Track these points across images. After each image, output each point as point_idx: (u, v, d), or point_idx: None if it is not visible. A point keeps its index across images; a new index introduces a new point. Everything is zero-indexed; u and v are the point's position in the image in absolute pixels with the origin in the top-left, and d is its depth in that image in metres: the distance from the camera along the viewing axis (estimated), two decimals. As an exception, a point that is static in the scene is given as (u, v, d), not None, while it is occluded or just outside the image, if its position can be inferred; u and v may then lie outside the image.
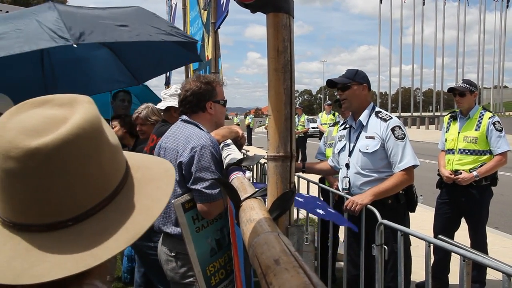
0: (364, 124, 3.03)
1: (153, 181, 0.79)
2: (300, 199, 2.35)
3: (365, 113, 3.04)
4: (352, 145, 3.08)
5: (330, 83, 3.16)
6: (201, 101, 2.25)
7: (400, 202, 2.93)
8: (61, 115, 0.69)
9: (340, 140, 3.30)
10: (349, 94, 3.05)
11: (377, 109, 3.08)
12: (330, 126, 4.57)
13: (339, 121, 4.41)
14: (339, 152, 3.24)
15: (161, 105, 3.09)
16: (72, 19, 2.40)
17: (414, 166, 2.88)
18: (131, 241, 0.68)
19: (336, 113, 11.28)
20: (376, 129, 2.95)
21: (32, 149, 0.64)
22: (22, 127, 0.66)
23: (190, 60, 3.13)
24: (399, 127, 2.91)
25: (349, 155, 3.07)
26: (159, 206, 0.75)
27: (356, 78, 3.04)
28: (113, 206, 0.71)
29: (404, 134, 2.90)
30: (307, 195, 3.00)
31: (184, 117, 2.29)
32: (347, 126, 3.22)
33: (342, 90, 3.07)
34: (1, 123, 0.68)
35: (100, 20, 2.46)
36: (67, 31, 2.27)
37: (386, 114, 2.99)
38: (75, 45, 2.25)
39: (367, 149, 2.94)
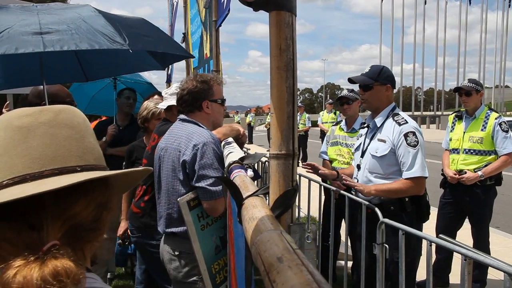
0: (379, 125, 2.88)
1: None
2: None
3: (382, 114, 2.87)
4: (366, 146, 2.96)
5: (351, 82, 3.00)
6: (197, 100, 2.24)
7: (406, 211, 2.72)
8: None
9: (358, 139, 3.19)
10: (370, 94, 2.88)
11: (396, 111, 2.88)
12: (333, 125, 4.57)
13: (341, 120, 4.40)
14: (355, 151, 3.15)
15: (163, 105, 3.09)
16: (115, 25, 2.55)
17: (424, 177, 2.69)
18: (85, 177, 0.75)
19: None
20: (389, 132, 2.78)
21: (43, 108, 0.80)
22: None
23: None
24: (413, 133, 2.71)
25: (361, 156, 2.97)
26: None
27: (380, 78, 2.85)
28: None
29: (418, 141, 2.70)
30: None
31: (182, 116, 2.28)
32: (365, 125, 3.09)
33: (363, 89, 2.91)
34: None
35: (131, 28, 2.65)
36: (118, 36, 2.42)
37: (403, 118, 2.79)
38: (131, 51, 2.41)
39: (376, 152, 2.81)
